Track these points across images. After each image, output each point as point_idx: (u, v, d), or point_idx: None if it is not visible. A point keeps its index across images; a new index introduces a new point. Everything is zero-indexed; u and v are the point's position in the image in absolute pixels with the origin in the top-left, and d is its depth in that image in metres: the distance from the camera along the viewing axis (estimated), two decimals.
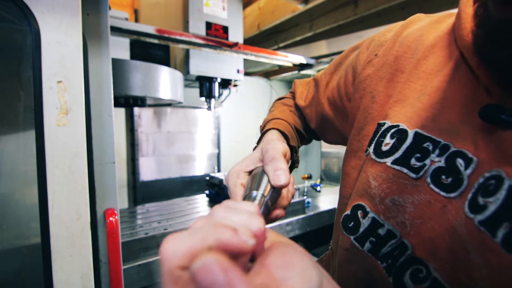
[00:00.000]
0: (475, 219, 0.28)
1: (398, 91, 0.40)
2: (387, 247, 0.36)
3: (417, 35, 0.42)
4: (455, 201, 0.31)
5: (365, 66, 0.46)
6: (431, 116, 0.35)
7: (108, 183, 0.83)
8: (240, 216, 0.23)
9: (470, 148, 0.31)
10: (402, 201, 0.35)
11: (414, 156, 0.35)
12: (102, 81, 0.81)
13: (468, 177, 0.30)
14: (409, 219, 0.34)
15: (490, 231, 0.27)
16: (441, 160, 0.33)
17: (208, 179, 2.06)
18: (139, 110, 2.20)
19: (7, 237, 0.73)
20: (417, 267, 0.32)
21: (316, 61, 2.30)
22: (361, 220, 0.40)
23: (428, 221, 0.32)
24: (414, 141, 0.36)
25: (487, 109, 0.30)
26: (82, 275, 0.70)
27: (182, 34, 1.65)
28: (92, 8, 0.79)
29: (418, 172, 0.35)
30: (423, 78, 0.38)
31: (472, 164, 0.31)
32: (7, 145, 0.71)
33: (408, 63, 0.41)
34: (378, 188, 0.38)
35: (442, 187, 0.32)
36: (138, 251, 1.37)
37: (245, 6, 2.54)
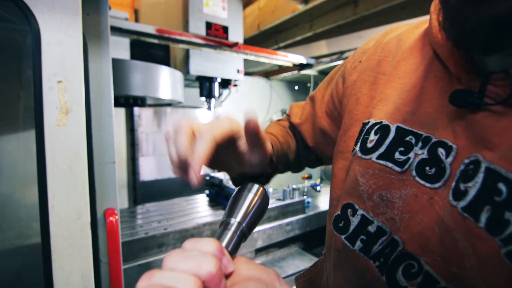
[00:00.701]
0: (458, 206, 0.28)
1: (380, 91, 0.42)
2: (378, 245, 0.36)
3: (396, 40, 0.45)
4: (440, 191, 0.31)
5: (351, 72, 0.49)
6: (411, 110, 0.37)
7: (108, 183, 0.83)
8: (190, 263, 0.24)
9: (450, 136, 0.32)
10: (390, 197, 0.35)
11: (397, 150, 0.36)
12: (102, 81, 0.81)
13: (450, 165, 0.31)
14: (398, 214, 0.34)
15: (473, 216, 0.27)
16: (424, 152, 0.34)
17: (208, 179, 2.06)
18: (139, 110, 2.20)
19: (7, 237, 0.73)
20: (409, 262, 0.32)
21: (316, 61, 2.30)
22: (350, 218, 0.40)
23: (417, 215, 0.32)
24: (397, 135, 0.37)
25: (456, 94, 0.31)
26: (82, 275, 0.70)
27: (182, 34, 1.65)
28: (92, 8, 0.79)
29: (403, 165, 0.35)
30: (402, 77, 0.40)
31: (452, 152, 0.31)
32: (7, 145, 0.71)
33: (389, 66, 0.43)
34: (365, 185, 0.38)
35: (427, 178, 0.33)
36: (138, 251, 1.37)
37: (245, 6, 2.54)
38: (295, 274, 1.70)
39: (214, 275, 0.24)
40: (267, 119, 3.06)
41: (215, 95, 2.07)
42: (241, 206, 0.34)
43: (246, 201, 0.35)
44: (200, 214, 1.74)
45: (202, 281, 0.23)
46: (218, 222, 1.63)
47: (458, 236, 0.28)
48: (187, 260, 0.24)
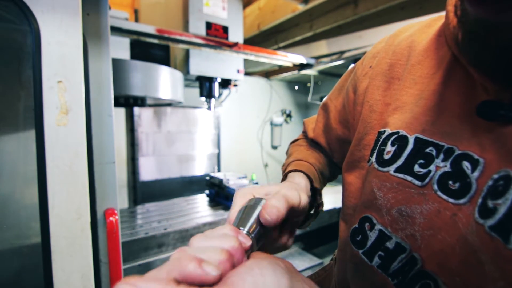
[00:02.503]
0: (486, 224, 0.26)
1: (396, 98, 0.40)
2: (397, 262, 0.34)
3: (408, 41, 0.42)
4: (465, 207, 0.29)
5: (362, 79, 0.47)
6: (431, 119, 0.34)
7: (108, 183, 0.83)
8: (214, 241, 0.27)
9: (476, 149, 0.30)
10: (410, 212, 0.33)
11: (417, 163, 0.34)
12: (102, 81, 0.81)
13: (476, 180, 0.29)
14: (419, 231, 0.32)
15: (502, 236, 0.25)
16: (446, 164, 0.31)
17: (208, 179, 2.06)
18: (139, 110, 2.20)
19: (7, 237, 0.73)
20: (425, 281, 0.30)
21: (316, 61, 2.30)
22: (368, 233, 0.38)
23: (439, 232, 0.30)
24: (415, 146, 0.35)
25: (484, 106, 0.29)
26: (82, 275, 0.70)
27: (182, 34, 1.65)
28: (92, 8, 0.79)
29: (423, 179, 0.33)
30: (419, 82, 0.38)
31: (479, 166, 0.29)
32: (7, 145, 0.71)
33: (403, 70, 0.41)
34: (383, 199, 0.36)
35: (450, 193, 0.30)
36: (138, 251, 1.37)
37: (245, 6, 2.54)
38: None
39: (237, 248, 0.26)
40: (267, 119, 3.06)
41: (215, 95, 2.07)
42: (251, 216, 0.34)
43: (255, 214, 0.35)
44: (200, 214, 1.74)
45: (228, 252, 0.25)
46: (218, 222, 1.63)
47: (484, 258, 0.26)
48: (211, 240, 0.27)
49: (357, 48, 1.97)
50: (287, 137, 3.23)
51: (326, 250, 2.24)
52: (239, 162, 2.89)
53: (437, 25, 0.39)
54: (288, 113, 3.14)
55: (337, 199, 2.18)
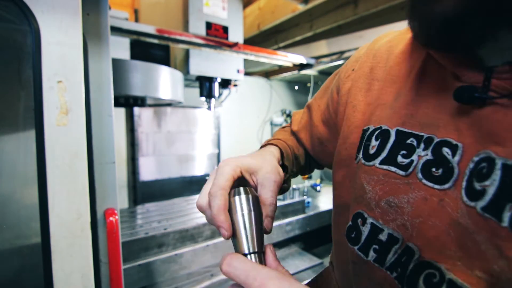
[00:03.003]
0: (477, 206, 0.27)
1: (377, 97, 0.43)
2: (392, 253, 0.34)
3: (387, 46, 0.45)
4: (450, 192, 0.30)
5: (345, 81, 0.49)
6: (410, 113, 0.37)
7: (108, 183, 0.83)
8: None
9: (453, 135, 0.32)
10: (398, 202, 0.34)
11: (400, 154, 0.36)
12: (102, 81, 0.81)
13: (457, 164, 0.30)
14: (409, 220, 0.33)
15: (495, 216, 0.26)
16: (427, 153, 0.33)
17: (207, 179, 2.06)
18: (139, 110, 2.20)
19: (7, 237, 0.73)
20: (429, 271, 0.30)
21: (316, 61, 2.30)
22: (361, 228, 0.39)
23: (429, 219, 0.31)
24: (397, 139, 0.37)
25: (460, 91, 0.31)
26: (82, 275, 0.70)
27: (182, 34, 1.65)
28: (92, 8, 0.79)
29: (407, 169, 0.35)
30: (397, 82, 0.41)
31: (458, 150, 0.31)
32: (7, 145, 0.71)
33: (382, 72, 0.44)
34: (372, 192, 0.38)
35: (435, 180, 0.32)
36: (138, 251, 1.37)
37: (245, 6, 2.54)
38: (295, 274, 1.70)
39: None
40: (267, 119, 3.06)
41: (215, 95, 2.07)
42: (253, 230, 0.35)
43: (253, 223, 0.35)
44: (200, 214, 1.74)
45: None
46: None
47: (480, 238, 0.27)
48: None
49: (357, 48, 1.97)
50: None
51: (326, 250, 2.24)
52: None
53: None
54: (288, 113, 3.14)
55: None
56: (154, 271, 1.37)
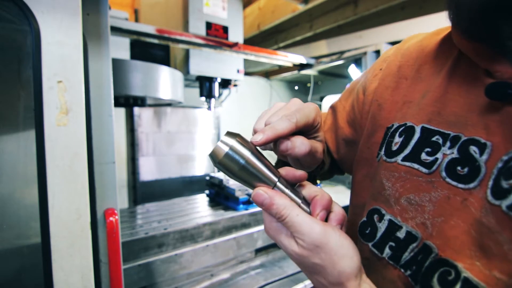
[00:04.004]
0: (502, 204, 0.27)
1: (403, 95, 0.42)
2: (409, 252, 0.34)
3: (417, 45, 0.44)
4: (475, 191, 0.29)
5: (372, 80, 0.48)
6: (437, 110, 0.36)
7: (108, 183, 0.83)
8: None
9: (482, 133, 0.31)
10: (419, 200, 0.34)
11: (424, 151, 0.35)
12: (102, 81, 0.81)
13: (485, 163, 0.29)
14: (429, 219, 0.32)
15: None
16: (453, 151, 0.32)
17: (208, 179, 2.06)
18: (139, 110, 2.20)
19: (7, 237, 0.73)
20: (445, 269, 0.30)
21: (316, 61, 2.30)
22: (377, 224, 0.38)
23: (450, 218, 0.31)
24: (422, 135, 0.36)
25: (493, 87, 0.30)
26: (82, 275, 0.70)
27: (182, 34, 1.65)
28: (92, 8, 0.79)
29: (430, 167, 0.34)
30: (425, 80, 0.39)
31: (487, 149, 0.30)
32: (7, 145, 0.71)
33: (410, 70, 0.43)
34: (392, 189, 0.37)
35: (459, 179, 0.31)
36: (138, 251, 1.37)
37: (245, 6, 2.54)
38: (295, 274, 1.70)
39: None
40: None
41: (215, 95, 2.07)
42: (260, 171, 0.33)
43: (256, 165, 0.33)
44: (200, 214, 1.74)
45: None
46: (218, 222, 1.64)
47: (502, 238, 0.26)
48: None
49: (357, 48, 1.97)
50: None
51: None
52: None
53: (445, 33, 0.42)
54: None
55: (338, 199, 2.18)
56: (154, 271, 1.37)
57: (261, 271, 1.72)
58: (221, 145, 0.32)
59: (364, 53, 1.89)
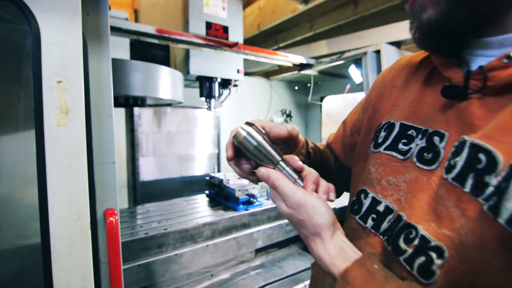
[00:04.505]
0: (449, 177, 0.36)
1: (394, 100, 0.52)
2: (387, 222, 0.43)
3: (407, 61, 0.55)
4: (436, 171, 0.38)
5: (372, 91, 0.60)
6: (413, 110, 0.46)
7: (108, 183, 0.83)
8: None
9: (443, 126, 0.40)
10: (396, 181, 0.43)
11: (401, 142, 0.45)
12: (102, 81, 0.81)
13: (443, 149, 0.39)
14: (403, 195, 0.42)
15: (461, 184, 0.34)
16: (423, 141, 0.42)
17: (208, 179, 2.05)
18: (139, 110, 2.20)
19: (7, 237, 0.73)
20: (409, 230, 0.38)
21: (316, 61, 2.30)
22: (363, 201, 0.48)
23: (418, 194, 0.39)
24: (400, 130, 0.46)
25: (446, 89, 0.39)
26: (82, 275, 0.70)
27: (182, 34, 1.65)
28: (92, 8, 0.79)
29: (405, 154, 0.44)
30: (410, 88, 0.50)
31: (445, 138, 0.39)
32: (7, 145, 0.71)
33: (400, 81, 0.53)
34: (375, 173, 0.47)
35: (425, 163, 0.40)
36: (138, 251, 1.37)
37: (245, 6, 2.54)
38: (295, 274, 1.70)
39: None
40: (267, 119, 3.06)
41: (215, 95, 2.07)
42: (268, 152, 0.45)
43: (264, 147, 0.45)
44: (200, 214, 1.74)
45: None
46: (218, 223, 1.64)
47: (449, 203, 0.35)
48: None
49: (357, 48, 1.97)
50: None
51: None
52: None
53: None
54: (288, 113, 3.14)
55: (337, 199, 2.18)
56: (154, 271, 1.37)
57: (261, 271, 1.72)
58: (241, 130, 0.45)
59: (364, 53, 1.89)
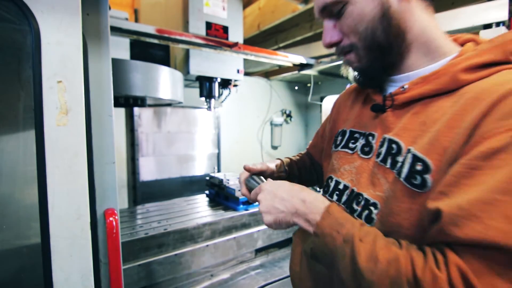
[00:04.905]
0: (378, 160, 0.57)
1: (346, 115, 0.76)
2: (345, 195, 0.63)
3: (353, 87, 0.79)
4: (372, 158, 0.59)
5: (333, 108, 0.85)
6: (357, 121, 0.68)
7: (108, 183, 0.83)
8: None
9: (374, 130, 0.61)
10: (349, 168, 0.64)
11: (350, 142, 0.67)
12: (102, 81, 0.81)
13: (375, 143, 0.60)
14: (354, 177, 0.62)
15: (384, 163, 0.55)
16: (363, 140, 0.63)
17: (208, 179, 2.05)
18: (139, 110, 2.20)
19: (7, 237, 0.73)
20: (358, 197, 0.59)
21: (316, 61, 2.30)
22: (330, 184, 0.68)
23: (362, 174, 0.60)
24: (350, 134, 0.68)
25: (373, 106, 0.62)
26: (82, 275, 0.70)
27: (182, 34, 1.65)
28: (92, 8, 0.79)
29: (353, 150, 0.65)
30: (355, 107, 0.73)
31: (375, 137, 0.60)
32: (7, 145, 0.71)
33: (350, 102, 0.77)
34: (337, 164, 0.68)
35: (365, 153, 0.61)
36: (138, 251, 1.37)
37: (245, 6, 2.54)
38: None
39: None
40: (267, 119, 3.06)
41: (215, 95, 2.07)
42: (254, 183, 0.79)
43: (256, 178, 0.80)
44: (200, 214, 1.74)
45: None
46: (218, 222, 1.64)
47: (379, 176, 0.56)
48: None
49: None
50: (287, 137, 3.23)
51: None
52: (239, 162, 2.89)
53: None
54: (288, 113, 3.14)
55: None
56: (154, 271, 1.37)
57: (261, 271, 1.72)
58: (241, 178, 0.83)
59: None
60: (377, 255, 0.43)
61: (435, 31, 0.55)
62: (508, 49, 0.48)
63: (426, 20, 0.55)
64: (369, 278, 0.43)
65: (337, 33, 0.59)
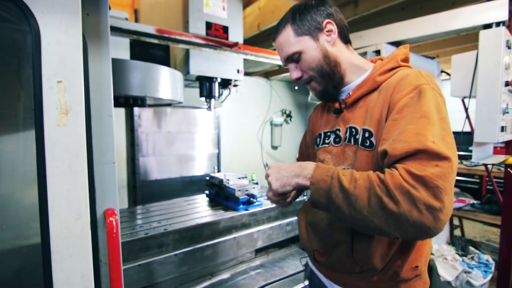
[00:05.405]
0: (345, 142, 0.84)
1: (319, 123, 1.01)
2: None
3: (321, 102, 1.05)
4: (342, 145, 0.85)
5: (309, 120, 1.11)
6: (326, 124, 0.95)
7: (108, 183, 0.83)
8: None
9: (338, 126, 0.87)
10: (330, 156, 0.88)
11: (325, 139, 0.93)
12: (102, 81, 0.81)
13: (342, 134, 0.86)
14: (335, 160, 0.86)
15: (349, 142, 0.82)
16: (333, 135, 0.89)
17: (208, 179, 2.05)
18: (139, 110, 2.20)
19: (7, 237, 0.73)
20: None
21: None
22: None
23: (339, 157, 0.85)
24: (324, 135, 0.94)
25: (335, 110, 0.90)
26: (82, 275, 0.70)
27: (182, 34, 1.65)
28: (92, 8, 0.79)
29: (328, 144, 0.90)
30: (324, 116, 1.00)
31: (341, 130, 0.86)
32: (7, 145, 0.71)
33: (319, 113, 1.04)
34: (321, 157, 0.92)
35: (337, 143, 0.87)
36: (138, 251, 1.37)
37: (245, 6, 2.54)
38: (295, 274, 1.70)
39: None
40: (267, 119, 3.07)
41: (215, 95, 2.07)
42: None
43: None
44: (200, 214, 1.74)
45: None
46: (218, 223, 1.64)
47: (348, 153, 0.82)
48: None
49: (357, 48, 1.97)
50: (287, 137, 3.23)
51: None
52: (239, 162, 2.89)
53: None
54: (288, 113, 3.14)
55: None
56: (154, 271, 1.37)
57: (261, 271, 1.72)
58: None
59: (364, 53, 1.89)
60: (355, 177, 0.66)
61: (355, 59, 0.88)
62: (399, 59, 0.82)
63: (349, 54, 0.87)
64: (353, 193, 0.64)
65: (299, 72, 0.88)
